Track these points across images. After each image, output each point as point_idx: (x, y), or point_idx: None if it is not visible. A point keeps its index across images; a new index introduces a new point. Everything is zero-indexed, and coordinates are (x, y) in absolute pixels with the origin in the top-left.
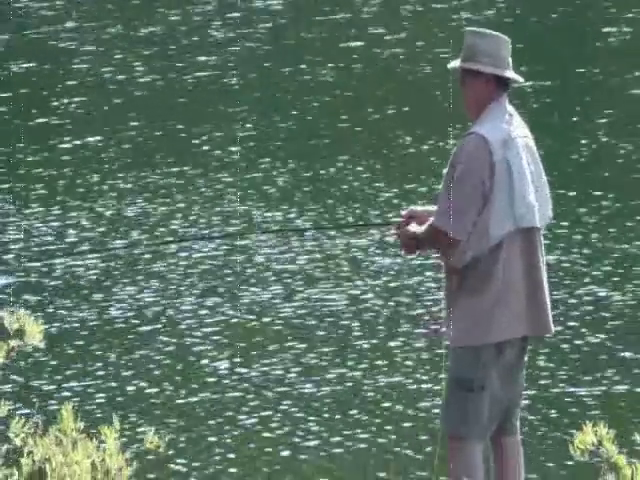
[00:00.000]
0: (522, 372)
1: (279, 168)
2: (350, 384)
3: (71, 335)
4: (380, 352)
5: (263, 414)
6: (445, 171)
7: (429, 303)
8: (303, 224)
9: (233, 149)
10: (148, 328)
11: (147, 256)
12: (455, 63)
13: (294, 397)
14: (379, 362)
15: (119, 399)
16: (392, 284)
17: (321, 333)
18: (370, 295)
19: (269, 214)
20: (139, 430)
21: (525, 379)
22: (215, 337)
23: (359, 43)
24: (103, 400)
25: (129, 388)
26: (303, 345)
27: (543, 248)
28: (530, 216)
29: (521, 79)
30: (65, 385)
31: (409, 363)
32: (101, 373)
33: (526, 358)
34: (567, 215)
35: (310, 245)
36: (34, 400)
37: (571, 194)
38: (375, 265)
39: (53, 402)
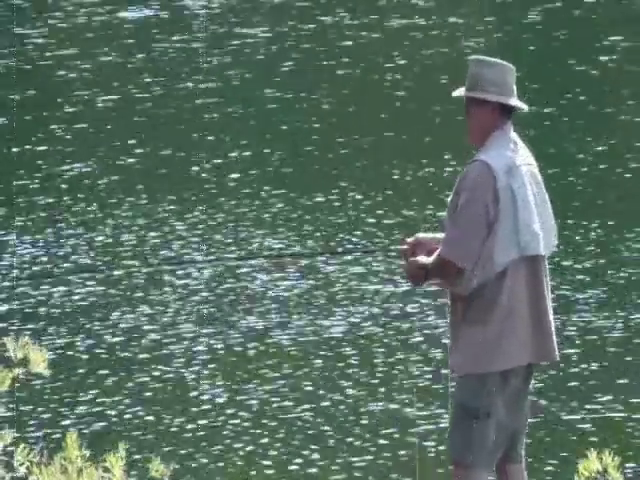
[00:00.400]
0: (527, 399)
1: (277, 195)
2: (347, 411)
3: (72, 361)
4: (377, 378)
5: (262, 441)
6: (449, 199)
7: (428, 332)
8: (301, 250)
9: (231, 176)
10: (148, 355)
11: (144, 282)
12: (460, 92)
13: (292, 424)
14: (377, 388)
15: (123, 426)
16: (390, 310)
17: (318, 360)
18: (368, 322)
19: (269, 240)
20: (144, 458)
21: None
22: (213, 364)
23: (355, 70)
24: (107, 428)
25: (132, 416)
26: (300, 372)
27: (548, 276)
28: (535, 244)
29: (526, 107)
30: (69, 412)
31: (406, 389)
32: (104, 400)
33: (531, 386)
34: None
35: (309, 271)
36: (39, 428)
37: (569, 222)
38: (372, 291)
39: (58, 430)
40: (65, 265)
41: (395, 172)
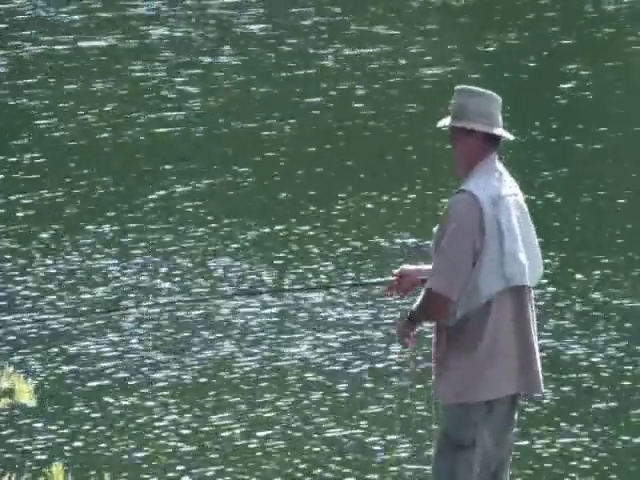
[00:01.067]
0: (512, 430)
1: (246, 223)
2: (329, 439)
3: (55, 391)
4: (357, 405)
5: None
6: (435, 229)
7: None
8: (275, 282)
9: (196, 204)
10: (120, 384)
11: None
12: (445, 122)
13: (262, 453)
14: (357, 415)
15: (107, 456)
16: (367, 337)
17: (282, 386)
18: (334, 348)
19: (241, 271)
20: None
21: (514, 434)
22: (185, 395)
23: (321, 98)
24: (92, 458)
25: (114, 446)
26: (269, 400)
27: (534, 306)
28: (520, 275)
29: (511, 136)
30: (53, 444)
31: (387, 416)
32: (87, 429)
33: (516, 416)
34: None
35: (281, 303)
36: (24, 459)
37: (556, 254)
38: (352, 320)
39: (43, 460)
40: (32, 295)
41: (361, 202)
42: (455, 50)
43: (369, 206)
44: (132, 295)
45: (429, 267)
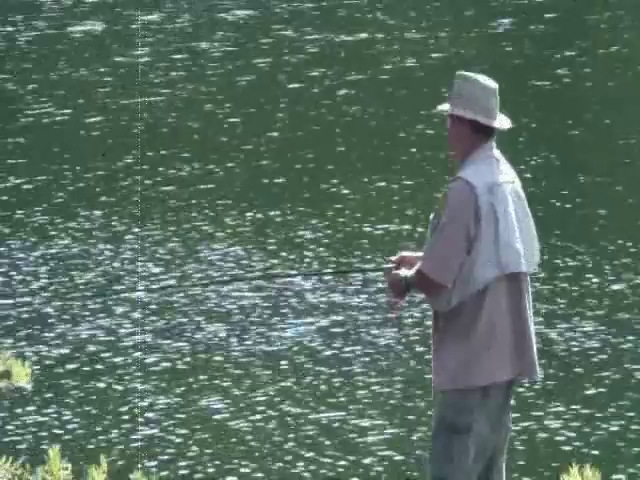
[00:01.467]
0: (508, 416)
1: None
2: (318, 422)
3: (53, 374)
4: (349, 388)
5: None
6: (432, 216)
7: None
8: (270, 268)
9: (188, 190)
10: (117, 365)
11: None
12: (444, 106)
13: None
14: (350, 398)
15: (103, 438)
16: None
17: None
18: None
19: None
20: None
21: (511, 421)
22: (178, 378)
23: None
24: (89, 440)
25: (114, 428)
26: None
27: (530, 293)
28: (516, 262)
29: (507, 125)
30: (51, 425)
31: (380, 400)
32: (83, 412)
33: (512, 402)
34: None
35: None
36: (21, 441)
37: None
38: (344, 304)
39: (41, 443)
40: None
41: (355, 188)
42: (451, 35)
43: (364, 193)
44: (123, 280)
45: None
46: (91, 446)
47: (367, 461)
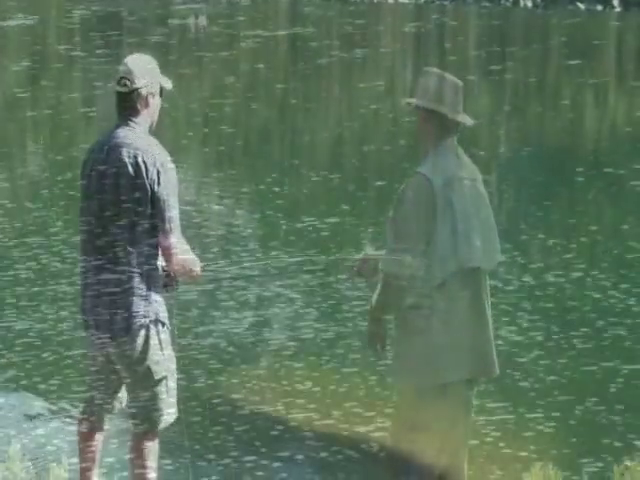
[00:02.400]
0: (469, 413)
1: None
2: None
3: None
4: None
5: None
6: (391, 211)
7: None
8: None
9: None
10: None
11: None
12: (411, 100)
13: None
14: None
15: (67, 438)
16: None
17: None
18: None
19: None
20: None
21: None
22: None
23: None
24: (51, 439)
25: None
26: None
27: (488, 289)
28: (474, 257)
29: (470, 122)
30: (13, 423)
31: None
32: (49, 409)
33: (473, 400)
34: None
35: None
36: None
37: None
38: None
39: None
40: None
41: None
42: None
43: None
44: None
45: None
46: (53, 446)
47: None
